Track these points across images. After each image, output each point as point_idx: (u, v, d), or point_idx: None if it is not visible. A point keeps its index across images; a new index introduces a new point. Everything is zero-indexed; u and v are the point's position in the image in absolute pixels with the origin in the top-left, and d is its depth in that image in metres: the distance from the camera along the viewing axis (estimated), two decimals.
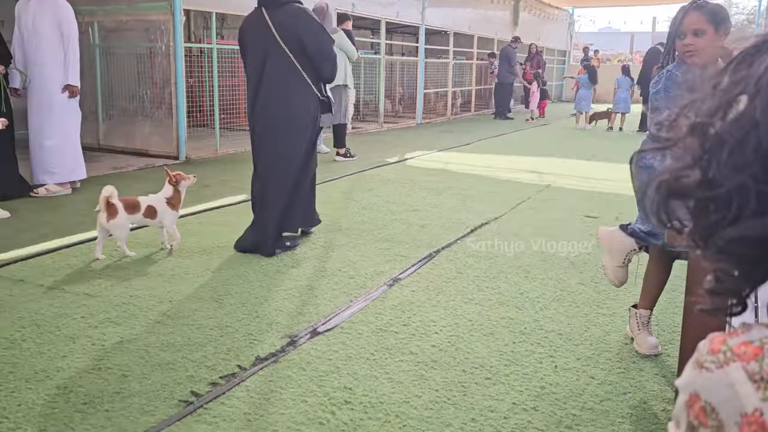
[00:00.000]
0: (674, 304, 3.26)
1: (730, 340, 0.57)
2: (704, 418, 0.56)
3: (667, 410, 2.27)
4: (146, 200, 4.04)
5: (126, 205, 3.93)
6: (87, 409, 2.25)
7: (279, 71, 3.88)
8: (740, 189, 0.54)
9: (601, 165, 8.05)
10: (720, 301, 0.61)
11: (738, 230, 0.55)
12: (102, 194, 3.84)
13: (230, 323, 2.99)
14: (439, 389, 2.41)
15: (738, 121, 0.55)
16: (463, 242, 4.42)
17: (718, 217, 0.56)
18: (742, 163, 0.54)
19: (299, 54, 3.87)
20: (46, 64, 5.61)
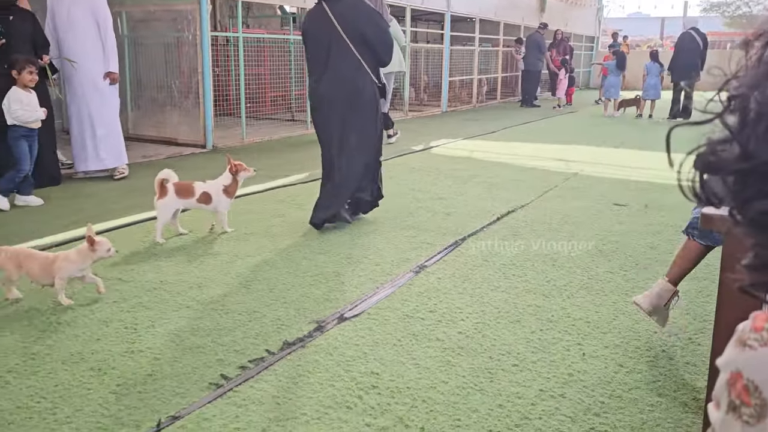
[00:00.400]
0: (705, 293, 3.21)
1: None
2: (747, 397, 0.55)
3: (698, 399, 2.24)
4: (202, 186, 4.14)
5: (179, 189, 4.03)
6: (120, 390, 2.31)
7: (343, 61, 4.17)
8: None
9: (629, 153, 7.93)
10: (758, 276, 0.59)
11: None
12: (158, 176, 3.98)
13: (258, 308, 3.03)
14: (466, 375, 2.41)
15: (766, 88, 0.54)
16: (489, 230, 4.40)
17: (755, 191, 0.55)
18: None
19: (360, 44, 4.15)
20: (87, 54, 5.74)
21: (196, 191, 4.10)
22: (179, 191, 4.04)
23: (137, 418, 2.13)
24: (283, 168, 6.59)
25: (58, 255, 3.11)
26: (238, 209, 4.91)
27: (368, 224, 4.51)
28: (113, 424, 2.10)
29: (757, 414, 0.54)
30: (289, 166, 6.73)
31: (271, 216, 4.69)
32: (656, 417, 2.15)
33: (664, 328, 2.79)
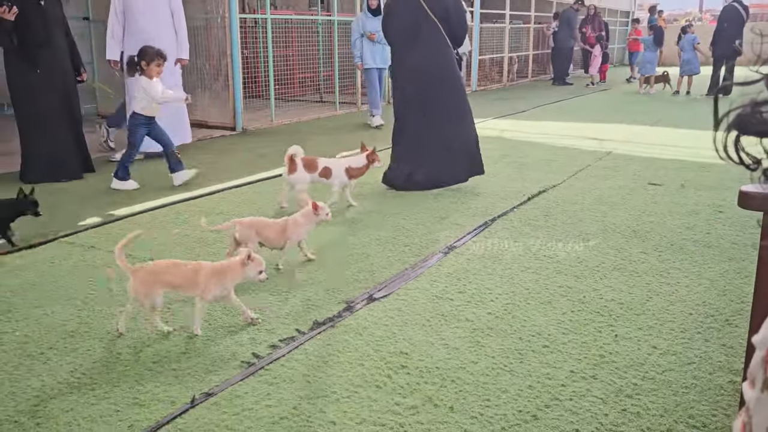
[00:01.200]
0: (743, 274, 3.14)
1: None
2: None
3: (734, 382, 2.20)
4: (325, 161, 4.42)
5: (306, 163, 4.33)
6: (156, 367, 2.36)
7: (432, 37, 4.64)
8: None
9: (666, 131, 7.74)
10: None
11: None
12: (288, 152, 4.25)
13: (288, 289, 3.05)
14: (496, 356, 2.41)
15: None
16: (519, 210, 4.36)
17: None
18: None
19: (444, 21, 4.65)
20: (162, 39, 5.86)
21: (319, 166, 4.36)
22: (306, 165, 4.33)
23: (172, 394, 2.18)
24: (311, 150, 6.58)
25: (288, 220, 3.33)
26: (269, 189, 4.94)
27: (396, 205, 4.50)
28: (149, 400, 2.15)
29: None
30: (318, 147, 6.74)
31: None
32: (690, 399, 2.11)
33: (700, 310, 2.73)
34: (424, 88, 4.71)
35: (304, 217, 3.33)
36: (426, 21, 4.63)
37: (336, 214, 4.25)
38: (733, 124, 0.58)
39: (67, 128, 5.35)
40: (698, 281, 3.10)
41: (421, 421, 2.01)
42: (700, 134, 7.25)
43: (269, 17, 8.26)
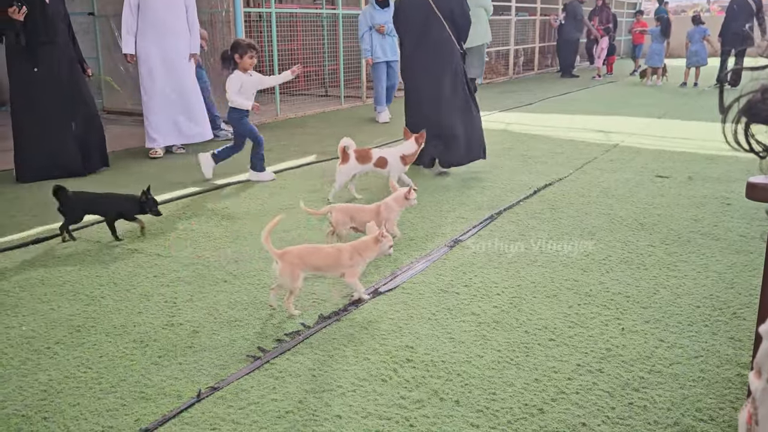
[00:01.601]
0: (751, 267, 3.12)
1: None
2: None
3: (742, 375, 2.18)
4: (378, 152, 4.52)
5: (359, 155, 4.42)
6: (162, 361, 2.37)
7: (438, 33, 5.07)
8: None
9: (673, 123, 7.69)
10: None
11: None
12: (340, 143, 4.34)
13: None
14: (502, 350, 2.40)
15: None
16: (525, 204, 4.34)
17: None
18: None
19: (449, 20, 5.07)
20: (178, 34, 5.97)
21: (373, 157, 4.45)
22: (359, 157, 4.40)
23: (178, 388, 2.19)
24: (318, 144, 6.60)
25: (380, 205, 3.46)
26: (275, 184, 4.94)
27: None
28: (155, 394, 2.15)
29: None
30: (324, 141, 6.74)
31: (306, 192, 4.72)
32: (698, 393, 2.10)
33: (708, 303, 2.72)
34: (431, 79, 5.10)
35: (396, 201, 3.48)
36: (434, 19, 5.05)
37: None
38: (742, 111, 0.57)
39: (66, 124, 5.31)
40: (705, 274, 3.08)
41: (427, 414, 2.01)
42: (707, 126, 7.19)
43: (274, 11, 8.24)
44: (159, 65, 5.96)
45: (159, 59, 5.95)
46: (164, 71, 5.99)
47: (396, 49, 7.83)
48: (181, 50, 6.03)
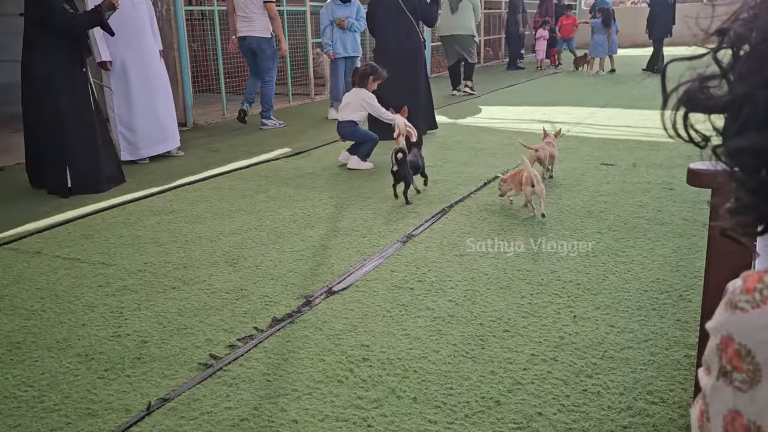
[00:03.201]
0: (694, 250, 3.21)
1: (767, 277, 0.53)
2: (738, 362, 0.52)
3: (690, 356, 2.24)
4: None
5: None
6: (108, 375, 2.28)
7: (407, 27, 6.36)
8: (749, 97, 0.51)
9: (615, 112, 7.89)
10: (740, 219, 0.57)
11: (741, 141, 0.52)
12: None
13: (245, 286, 2.99)
14: (457, 343, 2.40)
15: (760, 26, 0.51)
16: (476, 196, 4.37)
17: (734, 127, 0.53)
18: (756, 70, 0.50)
19: (413, 15, 6.36)
20: (147, 34, 5.62)
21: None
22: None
23: (127, 402, 2.11)
24: (265, 143, 6.50)
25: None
26: (224, 185, 4.84)
27: (353, 195, 4.46)
28: (103, 410, 2.07)
29: (749, 380, 0.51)
30: (272, 140, 6.64)
31: (254, 192, 4.63)
32: (649, 376, 2.15)
33: (655, 287, 2.78)
34: (401, 64, 6.22)
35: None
36: (403, 14, 6.30)
37: (291, 208, 4.19)
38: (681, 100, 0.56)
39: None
40: (652, 258, 3.16)
41: (385, 413, 1.99)
42: (649, 114, 7.40)
43: (216, 9, 8.07)
44: (135, 69, 5.53)
45: (132, 63, 5.51)
46: (141, 75, 5.55)
47: (357, 46, 7.93)
48: (153, 49, 5.66)
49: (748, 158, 0.54)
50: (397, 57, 6.26)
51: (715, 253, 1.65)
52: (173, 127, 5.92)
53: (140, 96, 5.59)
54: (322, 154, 5.92)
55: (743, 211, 0.57)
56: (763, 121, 0.51)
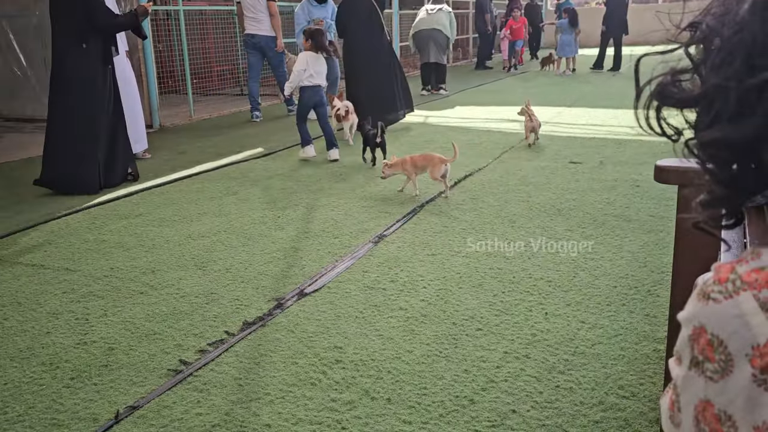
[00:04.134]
0: (661, 245, 3.27)
1: (739, 268, 0.53)
2: (711, 353, 0.52)
3: (658, 350, 2.28)
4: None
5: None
6: (75, 383, 2.22)
7: (377, 26, 6.88)
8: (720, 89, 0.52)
9: (582, 111, 8.00)
10: (711, 212, 0.58)
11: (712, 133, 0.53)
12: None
13: (216, 290, 2.94)
14: (430, 343, 2.40)
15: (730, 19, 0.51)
16: (447, 195, 4.38)
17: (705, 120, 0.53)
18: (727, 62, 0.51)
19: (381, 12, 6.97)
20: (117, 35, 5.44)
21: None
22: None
23: (94, 411, 2.06)
24: (234, 144, 6.42)
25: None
26: (192, 188, 4.76)
27: (324, 196, 4.44)
28: (69, 419, 2.01)
29: (721, 370, 0.51)
30: (241, 141, 6.57)
31: (223, 194, 4.57)
32: (619, 370, 2.17)
33: (624, 282, 2.82)
34: (375, 57, 6.82)
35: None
36: (375, 15, 6.83)
37: (261, 210, 4.15)
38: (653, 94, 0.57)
39: None
40: (620, 254, 3.20)
41: (359, 415, 1.98)
42: (615, 112, 7.52)
43: (181, 8, 7.95)
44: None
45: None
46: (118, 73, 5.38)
47: None
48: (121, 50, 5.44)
49: (720, 150, 0.54)
50: (374, 53, 6.79)
51: (683, 249, 1.67)
52: (141, 129, 5.81)
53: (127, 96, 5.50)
54: (292, 155, 5.87)
55: (715, 203, 0.57)
56: (734, 113, 0.51)
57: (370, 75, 6.74)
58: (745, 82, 0.50)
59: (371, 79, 6.73)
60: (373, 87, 6.71)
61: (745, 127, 0.50)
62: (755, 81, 0.49)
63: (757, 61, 0.49)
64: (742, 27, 0.51)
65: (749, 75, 0.50)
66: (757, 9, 0.50)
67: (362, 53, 6.82)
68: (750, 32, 0.50)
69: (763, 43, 0.49)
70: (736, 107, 0.51)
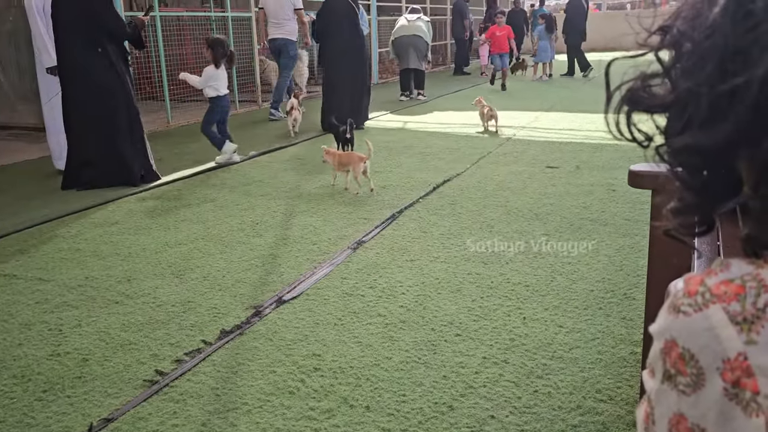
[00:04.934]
0: (637, 249, 3.30)
1: (708, 280, 0.53)
2: (682, 366, 0.52)
3: (635, 353, 2.30)
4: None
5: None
6: (47, 396, 2.17)
7: (355, 26, 7.25)
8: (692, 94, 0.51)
9: (559, 115, 8.07)
10: (683, 219, 0.57)
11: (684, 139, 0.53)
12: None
13: (193, 298, 2.91)
14: (409, 349, 2.39)
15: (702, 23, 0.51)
16: (425, 201, 4.39)
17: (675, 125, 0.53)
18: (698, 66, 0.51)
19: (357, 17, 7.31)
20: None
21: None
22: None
23: (67, 424, 2.02)
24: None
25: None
26: (169, 195, 4.71)
27: (303, 202, 4.42)
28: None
29: (693, 383, 0.51)
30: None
31: (201, 201, 4.53)
32: (597, 374, 2.19)
33: (600, 286, 2.85)
34: (348, 59, 7.16)
35: None
36: (350, 18, 7.13)
37: (239, 216, 4.11)
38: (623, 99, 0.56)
39: None
40: (597, 258, 3.23)
41: (338, 424, 1.96)
42: (591, 117, 7.60)
43: (158, 14, 7.88)
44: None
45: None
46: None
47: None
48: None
49: (691, 157, 0.54)
50: (344, 53, 7.17)
51: (657, 253, 1.69)
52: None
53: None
54: (271, 162, 5.84)
55: (686, 211, 0.57)
56: (706, 119, 0.51)
57: (345, 84, 7.17)
58: (717, 88, 0.50)
59: (345, 87, 7.17)
60: (346, 94, 7.18)
61: (716, 133, 0.50)
62: (726, 86, 0.49)
63: (728, 66, 0.49)
64: (714, 31, 0.50)
65: (721, 80, 0.50)
66: (729, 12, 0.50)
67: (335, 55, 7.22)
68: (722, 36, 0.50)
69: (735, 48, 0.49)
70: (707, 113, 0.51)
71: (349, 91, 7.20)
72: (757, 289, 0.50)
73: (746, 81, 0.47)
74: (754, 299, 0.50)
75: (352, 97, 7.19)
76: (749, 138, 0.49)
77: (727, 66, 0.49)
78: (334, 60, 7.32)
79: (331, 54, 7.37)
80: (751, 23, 0.48)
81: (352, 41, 7.26)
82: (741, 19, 0.49)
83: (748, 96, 0.47)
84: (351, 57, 7.22)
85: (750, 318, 0.49)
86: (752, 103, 0.47)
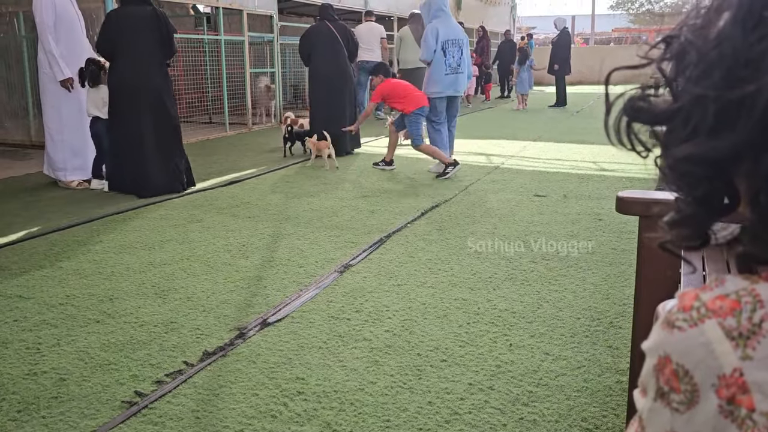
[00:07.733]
0: (623, 278, 3.31)
1: (703, 295, 0.52)
2: (676, 383, 0.51)
3: (621, 381, 2.28)
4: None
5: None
6: (21, 417, 2.11)
7: (341, 56, 7.43)
8: (698, 103, 0.51)
9: (547, 145, 8.15)
10: (678, 231, 0.57)
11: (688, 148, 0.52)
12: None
13: (175, 318, 2.87)
14: (394, 374, 2.36)
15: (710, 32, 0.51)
16: (413, 226, 4.39)
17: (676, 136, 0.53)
18: (705, 75, 0.50)
19: (344, 43, 7.44)
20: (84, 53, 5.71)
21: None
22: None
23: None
24: (200, 172, 6.34)
25: None
26: (153, 215, 4.68)
27: (290, 225, 4.40)
28: None
29: (687, 401, 0.50)
30: (207, 169, 6.50)
31: (187, 222, 4.50)
32: (582, 402, 2.17)
33: (587, 314, 2.84)
34: (333, 83, 7.32)
35: None
36: (336, 44, 7.35)
37: (225, 238, 4.08)
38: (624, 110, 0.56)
39: None
40: (583, 286, 3.23)
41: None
42: (579, 147, 7.69)
43: None
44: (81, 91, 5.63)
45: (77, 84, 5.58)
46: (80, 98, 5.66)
47: None
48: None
49: (695, 166, 0.53)
50: (329, 77, 7.33)
51: (645, 281, 1.69)
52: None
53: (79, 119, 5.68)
54: (259, 183, 5.83)
55: (683, 222, 0.57)
56: (712, 128, 0.50)
57: (331, 104, 7.38)
58: (725, 96, 0.49)
59: (331, 107, 7.36)
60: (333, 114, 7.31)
61: (722, 142, 0.50)
62: (735, 94, 0.49)
63: (738, 74, 0.49)
64: (723, 40, 0.50)
65: (729, 89, 0.49)
66: (739, 21, 0.50)
67: (320, 80, 7.41)
68: (731, 45, 0.50)
69: (745, 56, 0.49)
70: (714, 122, 0.50)
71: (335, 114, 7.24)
72: (752, 304, 0.50)
73: (757, 89, 0.47)
74: (749, 314, 0.49)
75: (340, 121, 7.15)
76: (754, 148, 0.48)
77: (736, 75, 0.49)
78: (317, 84, 7.44)
79: (317, 75, 7.48)
80: (763, 32, 0.48)
81: (334, 65, 7.40)
82: (752, 28, 0.49)
83: (757, 105, 0.47)
84: (333, 82, 7.31)
85: (746, 333, 0.49)
86: (761, 112, 0.47)
